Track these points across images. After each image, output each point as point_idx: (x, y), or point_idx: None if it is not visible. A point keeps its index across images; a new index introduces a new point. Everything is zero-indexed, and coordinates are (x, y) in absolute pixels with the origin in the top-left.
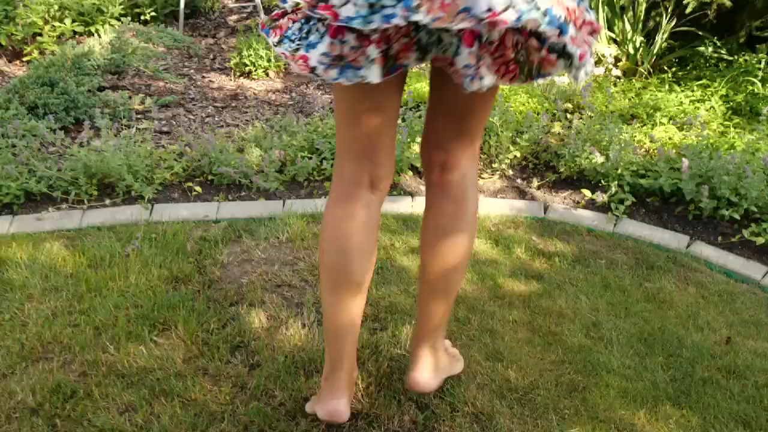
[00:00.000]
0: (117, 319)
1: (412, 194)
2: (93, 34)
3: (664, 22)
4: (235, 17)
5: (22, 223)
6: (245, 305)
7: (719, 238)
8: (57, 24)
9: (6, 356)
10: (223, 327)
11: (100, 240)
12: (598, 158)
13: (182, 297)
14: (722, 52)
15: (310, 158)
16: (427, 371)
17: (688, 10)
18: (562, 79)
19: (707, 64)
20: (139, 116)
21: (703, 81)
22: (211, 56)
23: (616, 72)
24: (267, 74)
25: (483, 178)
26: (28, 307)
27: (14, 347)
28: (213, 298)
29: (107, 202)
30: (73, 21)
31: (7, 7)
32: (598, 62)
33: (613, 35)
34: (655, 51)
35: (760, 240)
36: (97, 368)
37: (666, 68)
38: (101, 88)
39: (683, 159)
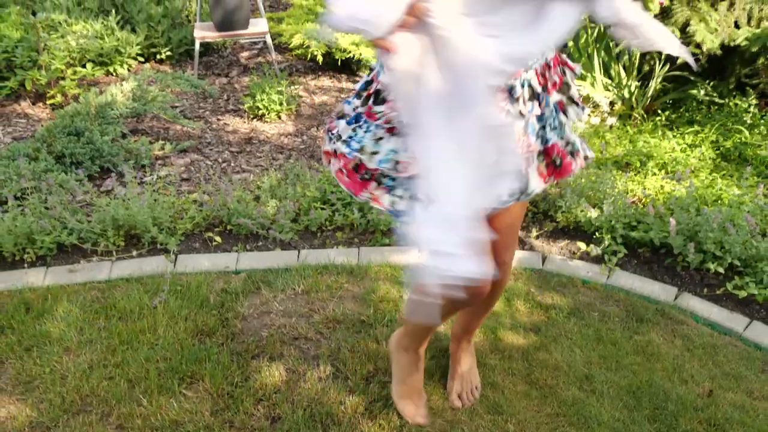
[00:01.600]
0: (148, 372)
1: None
2: (111, 74)
3: (658, 67)
4: (246, 54)
5: (55, 275)
6: (266, 358)
7: (705, 290)
8: (78, 69)
9: (49, 409)
10: (246, 380)
11: (129, 292)
12: (592, 213)
13: (208, 350)
14: (714, 95)
15: (323, 209)
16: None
17: None
18: None
19: (699, 107)
20: (159, 161)
21: (695, 127)
22: (225, 97)
23: (611, 120)
24: (279, 117)
25: None
26: (66, 360)
27: (56, 400)
28: (236, 351)
29: (134, 253)
30: (94, 63)
31: (32, 53)
32: (595, 109)
33: (609, 80)
34: (649, 94)
35: (743, 293)
36: (132, 421)
37: (659, 111)
38: (123, 135)
39: (671, 219)
